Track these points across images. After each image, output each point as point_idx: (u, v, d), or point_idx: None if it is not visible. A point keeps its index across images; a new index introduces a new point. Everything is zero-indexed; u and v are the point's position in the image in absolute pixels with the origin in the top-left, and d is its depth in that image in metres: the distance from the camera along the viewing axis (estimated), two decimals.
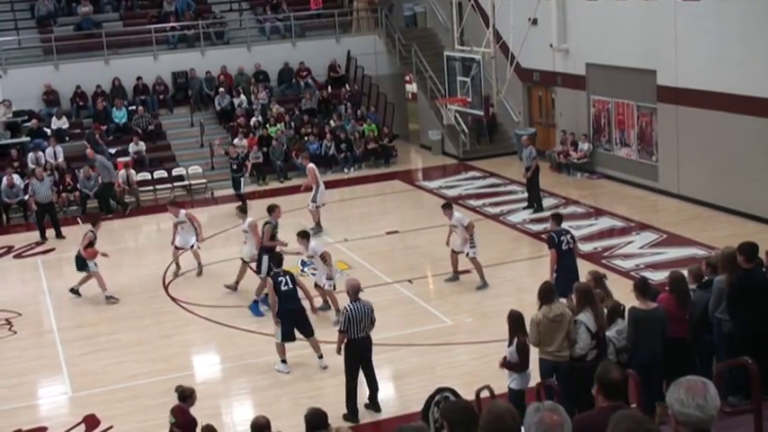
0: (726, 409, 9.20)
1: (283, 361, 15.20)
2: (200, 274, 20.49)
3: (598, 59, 26.51)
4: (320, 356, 15.22)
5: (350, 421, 13.05)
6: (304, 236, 17.47)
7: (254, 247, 18.38)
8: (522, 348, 11.50)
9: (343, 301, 17.15)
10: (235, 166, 25.53)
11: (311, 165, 23.43)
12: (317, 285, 17.43)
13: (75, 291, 19.64)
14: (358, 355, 13.28)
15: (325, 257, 17.25)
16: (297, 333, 15.20)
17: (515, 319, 11.68)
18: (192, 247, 20.37)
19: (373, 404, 13.58)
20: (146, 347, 16.76)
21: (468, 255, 18.41)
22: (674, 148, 23.99)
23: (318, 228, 22.67)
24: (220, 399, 14.83)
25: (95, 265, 19.33)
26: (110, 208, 26.49)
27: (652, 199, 24.48)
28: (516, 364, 11.55)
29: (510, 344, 11.72)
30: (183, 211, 20.64)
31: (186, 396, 11.46)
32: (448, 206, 19.04)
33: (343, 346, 13.35)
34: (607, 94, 26.62)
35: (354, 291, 13.36)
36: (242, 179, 25.70)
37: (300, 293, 15.40)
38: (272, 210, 18.70)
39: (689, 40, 22.85)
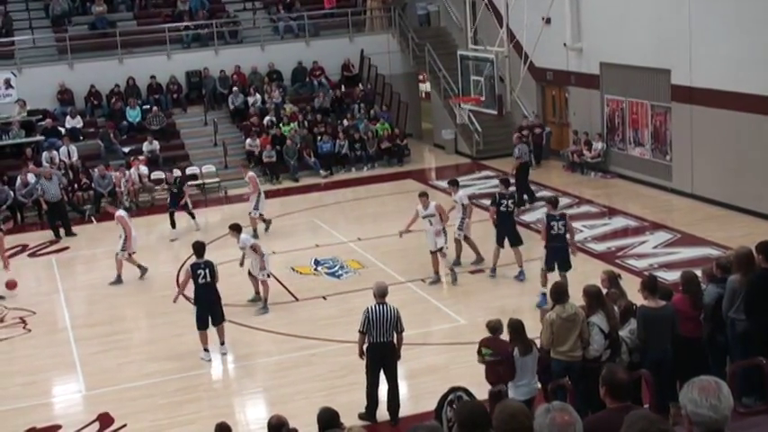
0: (740, 410, 9.18)
1: (205, 350, 15.88)
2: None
3: (612, 58, 26.45)
4: (222, 343, 16.00)
5: (365, 420, 13.02)
6: (235, 228, 18.35)
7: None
8: (507, 358, 11.55)
9: (353, 299, 17.32)
10: (175, 190, 24.19)
11: (251, 173, 23.32)
12: (250, 274, 18.21)
13: None
14: (378, 360, 13.06)
15: (255, 248, 17.94)
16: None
17: (513, 329, 11.72)
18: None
19: (392, 418, 13.28)
20: (159, 346, 16.80)
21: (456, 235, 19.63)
22: (689, 147, 23.92)
23: (255, 235, 22.18)
24: (232, 397, 14.87)
25: None
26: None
27: (666, 198, 24.41)
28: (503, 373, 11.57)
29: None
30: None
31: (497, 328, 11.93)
32: (454, 183, 20.24)
33: (365, 349, 13.14)
34: (621, 93, 26.56)
35: (380, 293, 13.10)
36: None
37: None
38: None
39: (704, 39, 22.77)
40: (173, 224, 23.97)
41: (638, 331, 11.11)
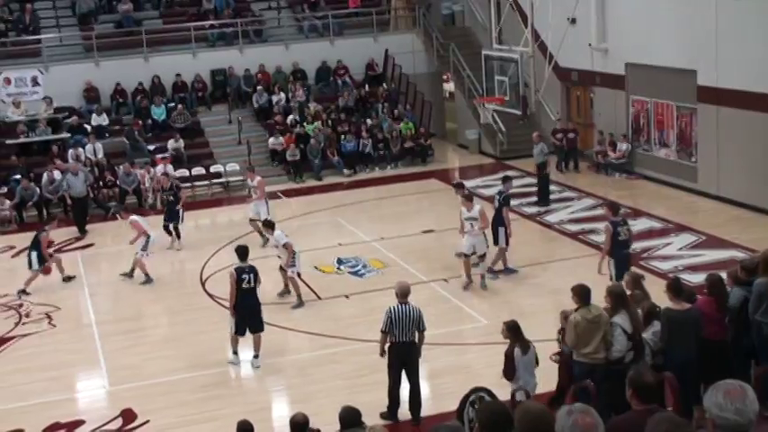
0: (765, 414, 9.11)
1: (234, 352, 15.59)
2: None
3: (637, 59, 26.34)
4: (255, 356, 15.52)
5: (387, 419, 13.03)
6: (269, 225, 18.71)
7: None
8: (506, 358, 11.67)
9: (375, 299, 17.32)
10: (171, 197, 23.12)
11: (260, 178, 22.97)
12: (281, 269, 18.35)
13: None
14: (401, 360, 13.07)
15: (287, 246, 18.04)
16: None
17: (512, 329, 11.80)
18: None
19: (413, 418, 13.30)
20: (183, 343, 16.87)
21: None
22: (714, 148, 23.79)
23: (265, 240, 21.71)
24: (255, 395, 14.92)
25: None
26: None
27: (691, 200, 24.30)
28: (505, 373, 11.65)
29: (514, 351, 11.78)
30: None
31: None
32: (461, 186, 20.68)
33: (387, 349, 13.16)
34: (646, 93, 26.44)
35: (402, 293, 13.11)
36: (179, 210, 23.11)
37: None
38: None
39: (730, 39, 22.63)
40: (176, 234, 22.89)
41: (662, 333, 11.07)
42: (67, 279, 20.87)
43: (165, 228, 22.76)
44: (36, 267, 20.40)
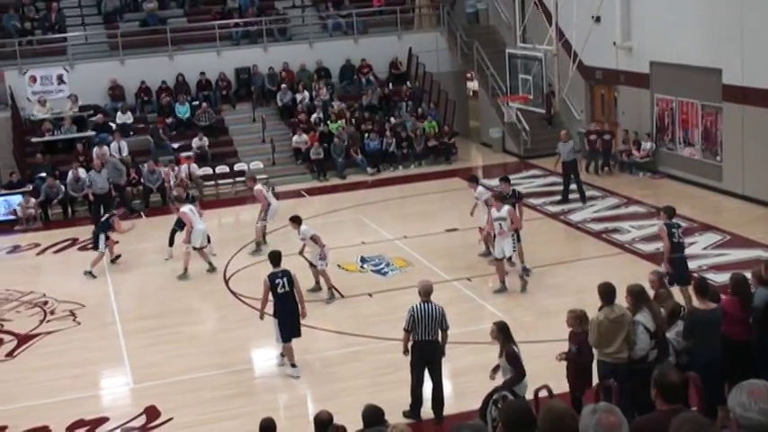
0: None
1: (293, 365, 15.20)
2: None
3: (662, 57, 26.21)
4: (282, 355, 15.34)
5: (409, 418, 13.03)
6: (296, 220, 18.71)
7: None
8: (510, 357, 11.58)
9: (398, 297, 17.32)
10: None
11: (258, 187, 22.55)
12: (312, 265, 18.38)
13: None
14: (423, 358, 13.07)
15: (316, 239, 18.27)
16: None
17: (504, 330, 11.74)
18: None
19: (436, 417, 13.30)
20: (207, 341, 16.94)
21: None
22: (739, 147, 23.64)
23: (258, 248, 21.92)
24: (278, 393, 14.94)
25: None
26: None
27: (716, 199, 24.16)
28: (513, 376, 11.58)
29: (500, 354, 11.76)
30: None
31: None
32: (474, 179, 20.66)
33: (410, 347, 13.16)
34: (671, 92, 26.31)
35: (425, 291, 13.10)
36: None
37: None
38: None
39: (756, 37, 22.48)
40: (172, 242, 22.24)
41: (684, 333, 11.03)
42: (115, 259, 21.90)
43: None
44: (102, 249, 21.14)
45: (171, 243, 21.95)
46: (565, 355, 11.97)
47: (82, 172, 26.59)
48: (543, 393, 11.01)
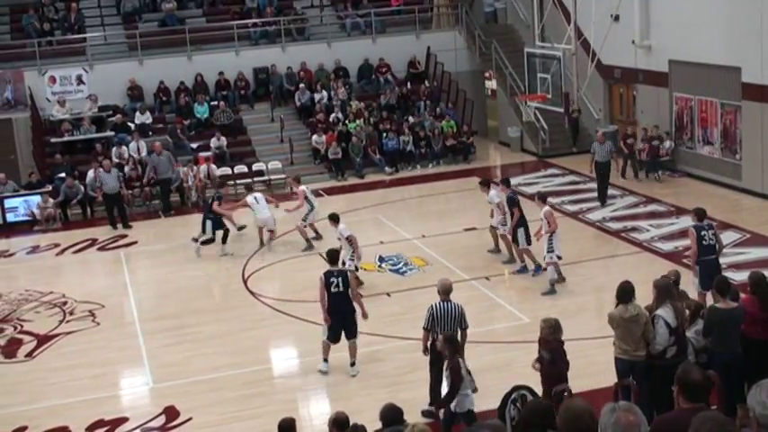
0: None
1: (325, 360, 15.16)
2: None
3: (681, 56, 26.11)
4: (353, 364, 15.10)
5: (428, 417, 13.02)
6: (333, 218, 19.02)
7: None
8: (453, 370, 11.49)
9: (417, 296, 17.33)
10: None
11: (302, 188, 22.56)
12: (342, 263, 18.12)
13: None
14: (442, 357, 13.16)
15: (350, 240, 18.40)
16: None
17: (452, 341, 11.69)
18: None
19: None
20: (225, 340, 16.95)
21: (499, 232, 20.05)
22: (759, 146, 23.54)
23: (309, 245, 22.05)
24: (297, 392, 14.94)
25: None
26: (168, 204, 27.09)
27: (735, 198, 24.05)
28: (449, 392, 11.52)
29: (446, 367, 11.67)
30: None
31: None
32: (485, 183, 20.47)
33: (429, 346, 13.14)
34: (690, 91, 26.21)
35: (444, 290, 13.11)
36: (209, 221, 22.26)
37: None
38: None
39: None
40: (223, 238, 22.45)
41: (704, 331, 11.00)
42: (241, 228, 22.82)
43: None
44: (210, 235, 21.67)
45: (224, 240, 22.22)
46: (538, 363, 11.92)
47: (102, 172, 26.67)
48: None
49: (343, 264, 18.22)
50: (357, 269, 18.48)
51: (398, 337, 16.08)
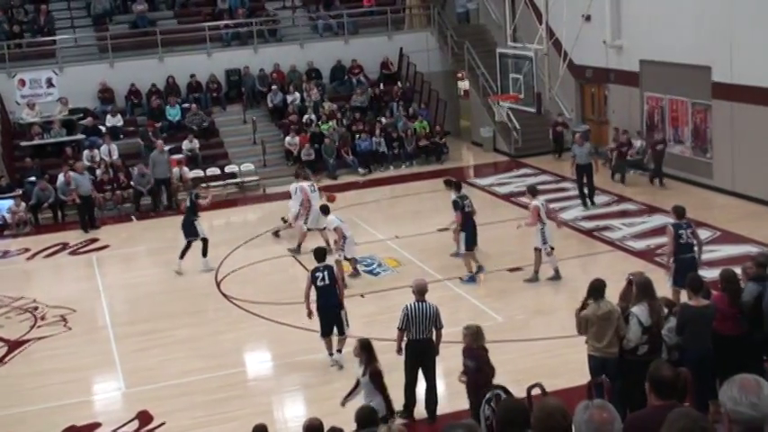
0: None
1: (330, 354, 15.32)
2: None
3: (652, 56, 26.24)
4: (339, 351, 15.30)
5: (403, 418, 13.01)
6: (324, 210, 19.88)
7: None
8: (375, 376, 11.52)
9: (391, 297, 17.32)
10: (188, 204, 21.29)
11: (303, 184, 22.39)
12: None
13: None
14: (417, 357, 13.11)
15: (337, 231, 19.00)
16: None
17: (367, 348, 11.73)
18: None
19: (429, 416, 13.33)
20: (199, 344, 16.87)
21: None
22: (729, 144, 23.69)
23: (297, 249, 21.77)
24: (271, 395, 14.91)
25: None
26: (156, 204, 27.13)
27: (706, 196, 24.18)
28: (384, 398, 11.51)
29: (364, 374, 11.69)
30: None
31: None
32: (449, 183, 20.36)
33: (404, 346, 13.20)
34: (661, 90, 26.35)
35: (419, 291, 13.20)
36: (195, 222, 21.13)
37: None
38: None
39: (745, 35, 22.54)
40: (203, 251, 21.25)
41: (677, 329, 11.05)
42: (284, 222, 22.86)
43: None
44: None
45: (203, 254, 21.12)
46: (464, 374, 11.92)
47: (73, 175, 26.48)
48: (536, 391, 10.98)
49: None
50: (346, 259, 18.96)
51: (373, 338, 16.00)
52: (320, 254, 15.63)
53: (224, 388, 14.86)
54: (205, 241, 20.89)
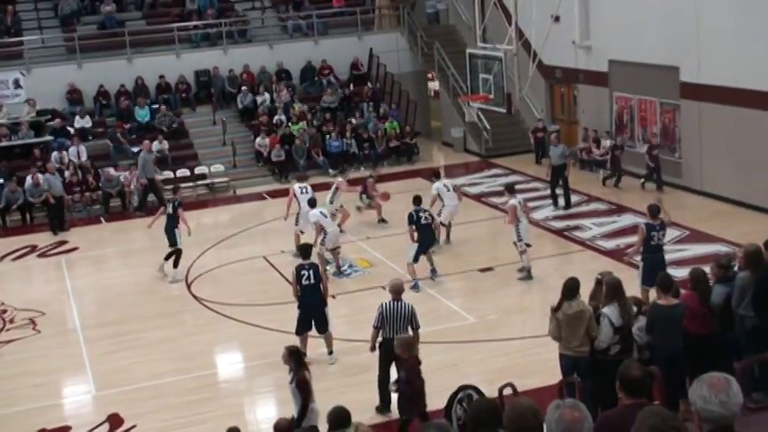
0: (750, 406, 9.14)
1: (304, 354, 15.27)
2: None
3: (621, 56, 26.40)
4: (330, 353, 15.35)
5: (381, 413, 13.19)
6: (311, 203, 20.16)
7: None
8: (302, 384, 11.45)
9: (362, 298, 17.32)
10: (170, 211, 20.65)
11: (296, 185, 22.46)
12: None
13: None
14: (389, 356, 13.14)
15: (317, 225, 19.20)
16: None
17: (295, 355, 11.74)
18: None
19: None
20: (169, 346, 16.79)
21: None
22: (698, 144, 23.86)
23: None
24: (243, 397, 14.87)
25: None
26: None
27: (675, 195, 24.31)
28: (301, 408, 11.42)
29: (291, 381, 11.62)
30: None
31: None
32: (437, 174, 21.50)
33: (378, 345, 13.29)
34: (630, 90, 26.51)
35: (395, 290, 13.32)
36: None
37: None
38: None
39: (712, 35, 22.72)
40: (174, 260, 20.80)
41: (647, 328, 11.11)
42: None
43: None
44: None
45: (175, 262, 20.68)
46: (396, 386, 11.95)
47: (41, 177, 26.29)
48: (508, 391, 11.01)
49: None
50: (329, 251, 19.41)
51: (344, 339, 16.03)
52: (306, 251, 15.68)
53: (195, 390, 14.80)
54: (179, 252, 20.50)
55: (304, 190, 21.39)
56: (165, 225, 20.51)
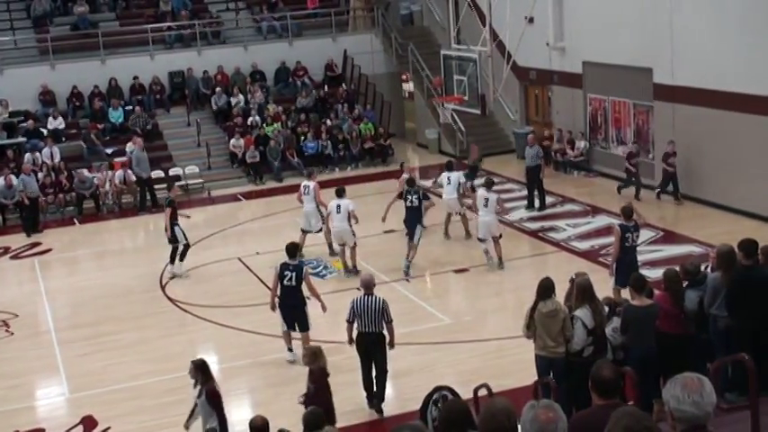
0: (723, 406, 9.23)
1: (289, 349, 15.42)
2: None
3: (594, 57, 26.52)
4: (289, 349, 15.40)
5: (373, 408, 13.42)
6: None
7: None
8: (212, 396, 11.30)
9: (337, 300, 17.29)
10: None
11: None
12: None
13: None
14: (364, 349, 13.37)
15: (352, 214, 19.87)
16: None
17: (202, 367, 11.57)
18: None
19: (376, 404, 13.54)
20: (144, 348, 16.73)
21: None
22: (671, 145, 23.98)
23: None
24: None
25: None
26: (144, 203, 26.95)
27: (649, 196, 24.43)
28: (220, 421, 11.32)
29: (199, 395, 11.45)
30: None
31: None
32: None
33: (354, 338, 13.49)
34: (603, 92, 26.64)
35: (365, 285, 13.48)
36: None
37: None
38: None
39: (685, 37, 22.85)
40: (181, 256, 20.78)
41: (621, 328, 11.17)
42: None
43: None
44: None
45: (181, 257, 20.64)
46: (304, 397, 11.95)
47: (14, 179, 26.12)
48: (483, 392, 11.05)
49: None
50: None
51: (319, 341, 15.98)
52: (292, 250, 15.55)
53: (170, 392, 14.73)
54: (186, 247, 20.48)
55: (306, 190, 21.46)
56: (165, 226, 20.49)
